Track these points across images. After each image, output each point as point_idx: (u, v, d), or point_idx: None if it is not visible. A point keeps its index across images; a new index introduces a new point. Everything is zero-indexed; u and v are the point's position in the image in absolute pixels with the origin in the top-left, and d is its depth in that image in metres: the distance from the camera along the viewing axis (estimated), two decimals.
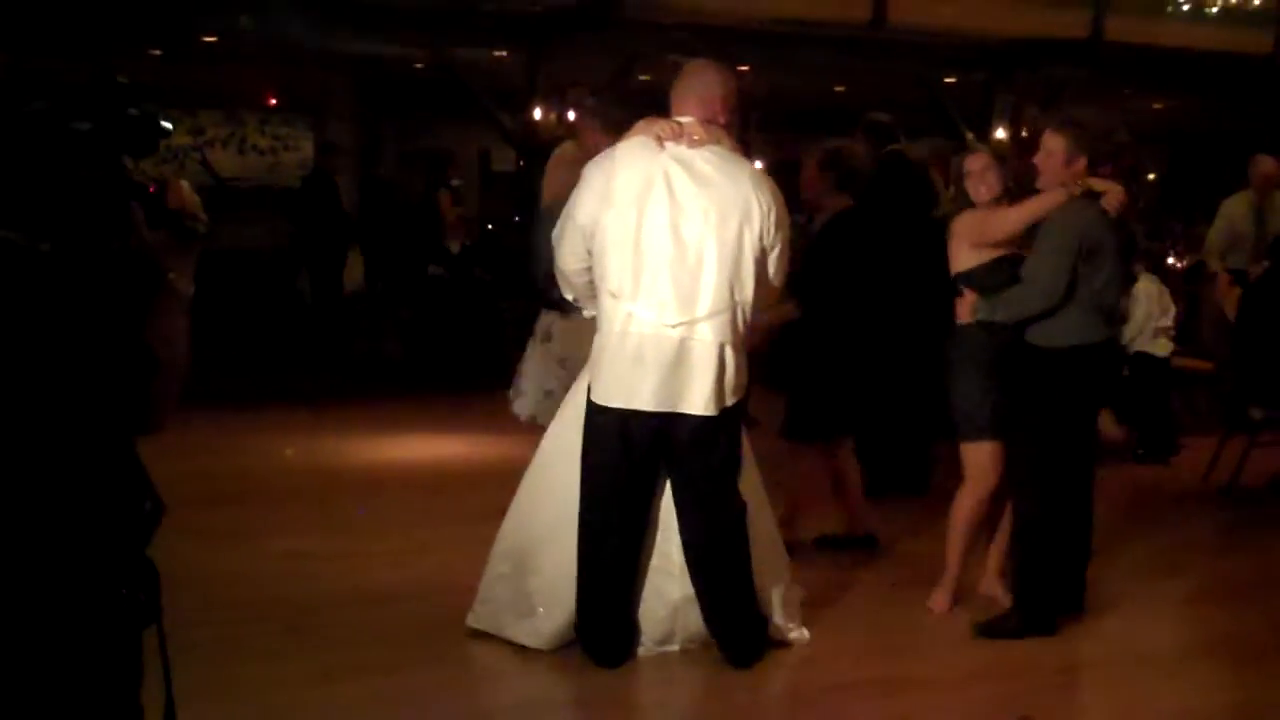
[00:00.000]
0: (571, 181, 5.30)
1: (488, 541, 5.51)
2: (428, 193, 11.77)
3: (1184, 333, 9.79)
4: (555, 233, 5.18)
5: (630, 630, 5.12)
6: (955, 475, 5.87)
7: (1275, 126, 13.67)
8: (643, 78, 13.23)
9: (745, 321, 5.03)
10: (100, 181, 2.91)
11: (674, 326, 4.87)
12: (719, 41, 11.72)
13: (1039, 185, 5.60)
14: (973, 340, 5.62)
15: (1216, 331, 8.65)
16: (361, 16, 11.22)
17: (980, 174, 5.65)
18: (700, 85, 5.16)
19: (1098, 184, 5.57)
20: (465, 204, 12.43)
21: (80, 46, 10.75)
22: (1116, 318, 5.89)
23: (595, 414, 5.03)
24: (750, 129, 15.18)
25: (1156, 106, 16.42)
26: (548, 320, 6.85)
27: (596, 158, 5.19)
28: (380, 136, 14.24)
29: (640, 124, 5.13)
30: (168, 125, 2.98)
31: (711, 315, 4.90)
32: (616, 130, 5.55)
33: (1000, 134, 13.46)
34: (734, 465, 5.09)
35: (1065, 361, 5.51)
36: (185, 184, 8.18)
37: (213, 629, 5.50)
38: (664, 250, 4.88)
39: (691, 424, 4.94)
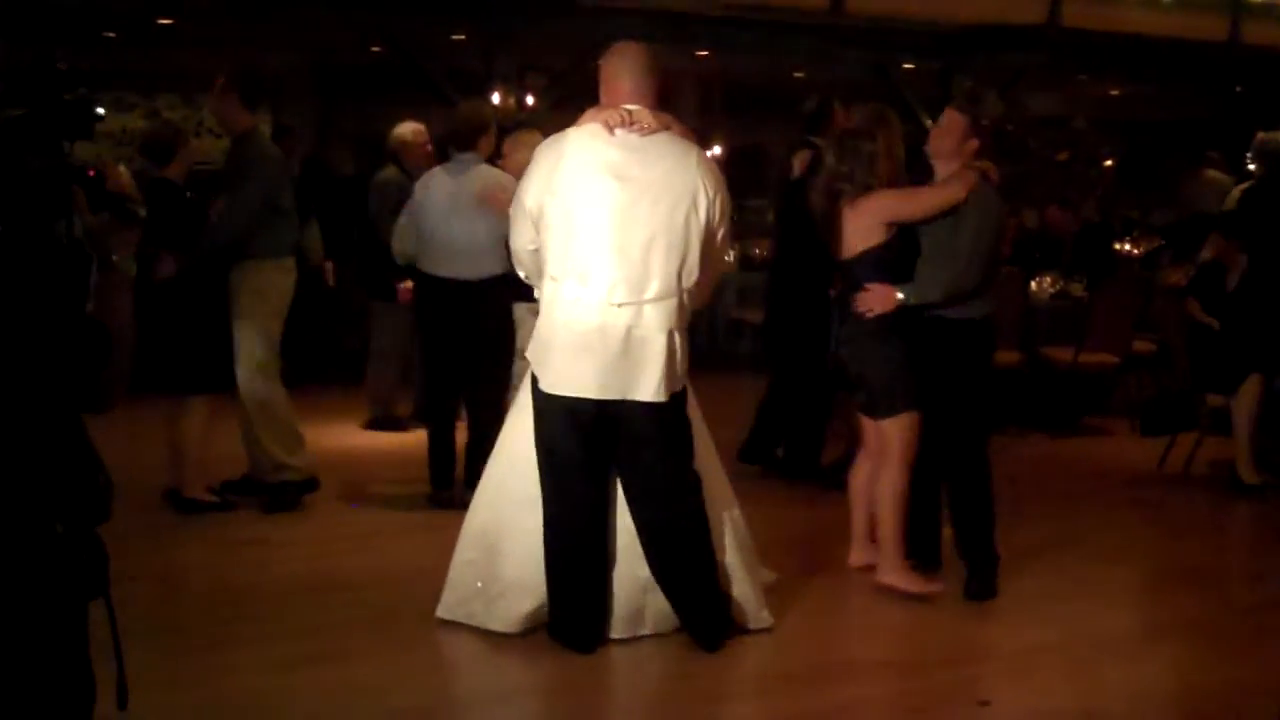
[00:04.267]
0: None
1: (449, 528, 5.49)
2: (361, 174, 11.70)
3: (1140, 320, 9.84)
4: (510, 212, 5.21)
5: (601, 614, 5.12)
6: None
7: (1231, 113, 13.77)
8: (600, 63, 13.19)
9: (689, 306, 5.05)
10: (43, 166, 2.94)
11: (619, 306, 4.87)
12: (677, 26, 11.72)
13: (935, 159, 5.82)
14: (879, 317, 5.68)
15: (1171, 320, 8.68)
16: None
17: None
18: (636, 69, 5.15)
19: (982, 164, 5.82)
20: None
21: (33, 31, 10.62)
22: None
23: (543, 401, 5.04)
24: (712, 112, 15.23)
25: (1113, 93, 16.50)
26: (519, 312, 6.92)
27: (546, 143, 5.19)
28: (336, 120, 14.14)
29: (589, 111, 5.15)
30: (100, 110, 3.04)
31: (659, 300, 4.91)
32: None
33: None
34: (685, 448, 5.11)
35: (980, 331, 5.82)
36: (123, 168, 8.18)
37: (168, 617, 5.49)
38: (610, 237, 4.88)
39: (641, 410, 4.95)
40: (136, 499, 6.95)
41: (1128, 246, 12.14)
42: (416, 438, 8.14)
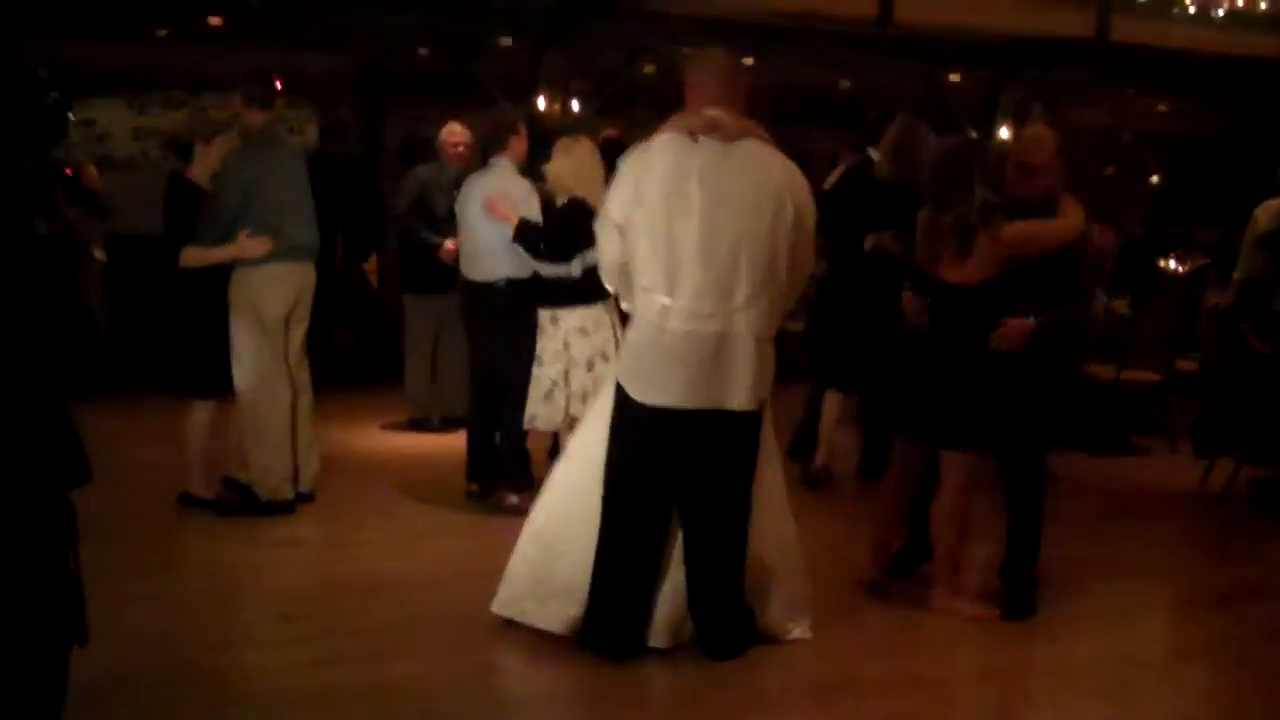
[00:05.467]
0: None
1: (484, 530, 5.53)
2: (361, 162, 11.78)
3: (1183, 339, 9.79)
4: (597, 226, 5.22)
5: (640, 623, 5.12)
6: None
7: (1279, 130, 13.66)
8: (647, 69, 13.21)
9: (778, 313, 5.08)
10: (31, 166, 3.32)
11: (710, 316, 4.89)
12: (724, 33, 11.69)
13: (1023, 174, 5.69)
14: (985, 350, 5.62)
15: (1216, 340, 8.64)
16: (367, 1, 11.21)
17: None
18: (718, 74, 5.17)
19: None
20: None
21: (87, 26, 10.72)
22: None
23: (629, 409, 5.06)
24: (758, 120, 15.20)
25: (1161, 109, 16.40)
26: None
27: (631, 153, 5.18)
28: (382, 122, 14.19)
29: (673, 118, 5.15)
30: (71, 115, 3.38)
31: (747, 307, 4.93)
32: None
33: (1004, 133, 13.43)
34: (751, 464, 5.13)
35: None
36: (92, 166, 8.36)
37: (208, 616, 5.53)
38: (699, 244, 4.90)
39: (731, 419, 4.99)
40: (171, 494, 7.05)
41: (1172, 264, 12.07)
42: (453, 439, 8.18)
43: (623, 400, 5.09)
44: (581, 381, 6.84)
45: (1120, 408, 9.70)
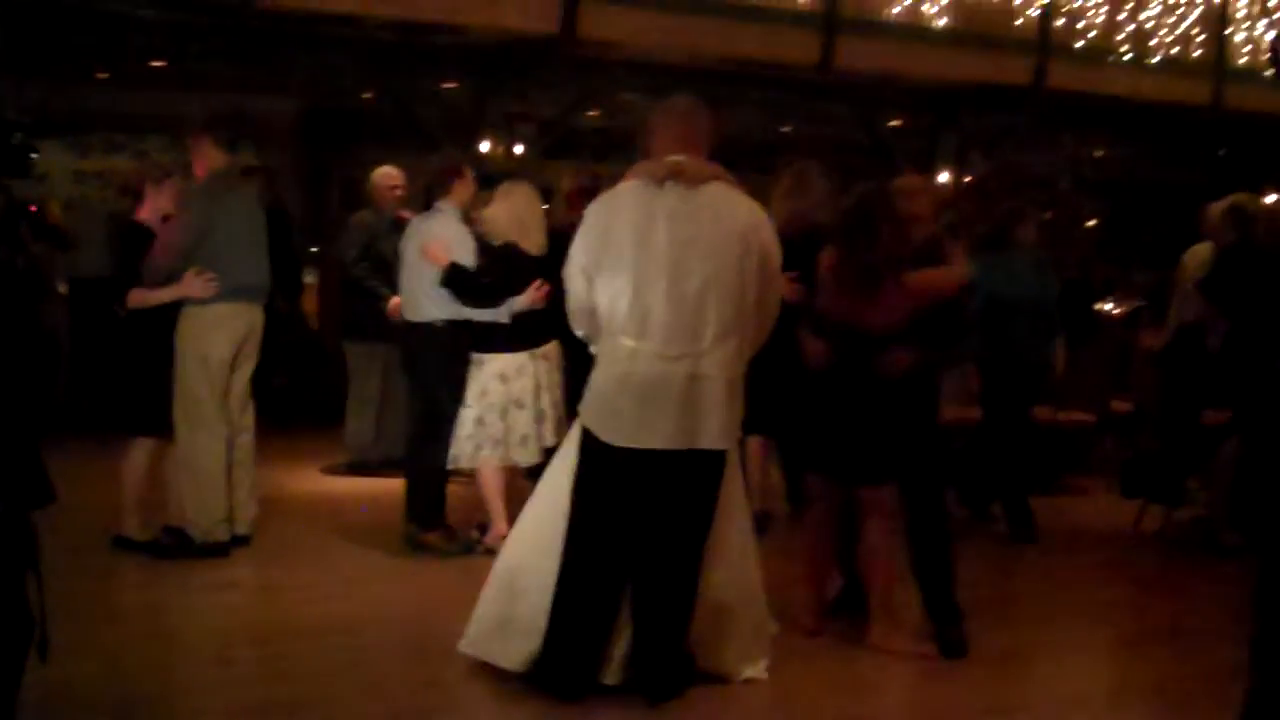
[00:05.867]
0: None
1: (420, 574, 5.51)
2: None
3: (1118, 380, 9.91)
4: (565, 273, 5.26)
5: (596, 662, 5.11)
6: None
7: (1214, 176, 13.88)
8: (590, 114, 13.28)
9: (746, 354, 5.15)
10: (2, 205, 3.52)
11: (678, 359, 4.94)
12: (669, 79, 11.78)
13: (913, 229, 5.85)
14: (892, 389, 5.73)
15: (1148, 381, 8.76)
16: (309, 44, 11.23)
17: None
18: (685, 122, 5.25)
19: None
20: None
21: (29, 67, 10.69)
22: None
23: (596, 451, 5.09)
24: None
25: (1097, 154, 16.64)
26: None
27: (598, 200, 5.28)
28: (325, 166, 14.17)
29: (638, 165, 5.23)
30: (35, 154, 3.62)
31: (715, 348, 4.98)
32: None
33: (944, 177, 13.58)
34: (711, 505, 5.15)
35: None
36: (56, 203, 8.47)
37: (143, 661, 5.48)
38: (667, 288, 4.96)
39: (700, 459, 5.03)
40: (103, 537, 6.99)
41: (1108, 306, 12.22)
42: (392, 483, 8.16)
43: (588, 442, 5.12)
44: (496, 427, 6.89)
45: (1056, 448, 9.80)
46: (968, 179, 13.42)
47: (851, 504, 5.86)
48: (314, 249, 13.04)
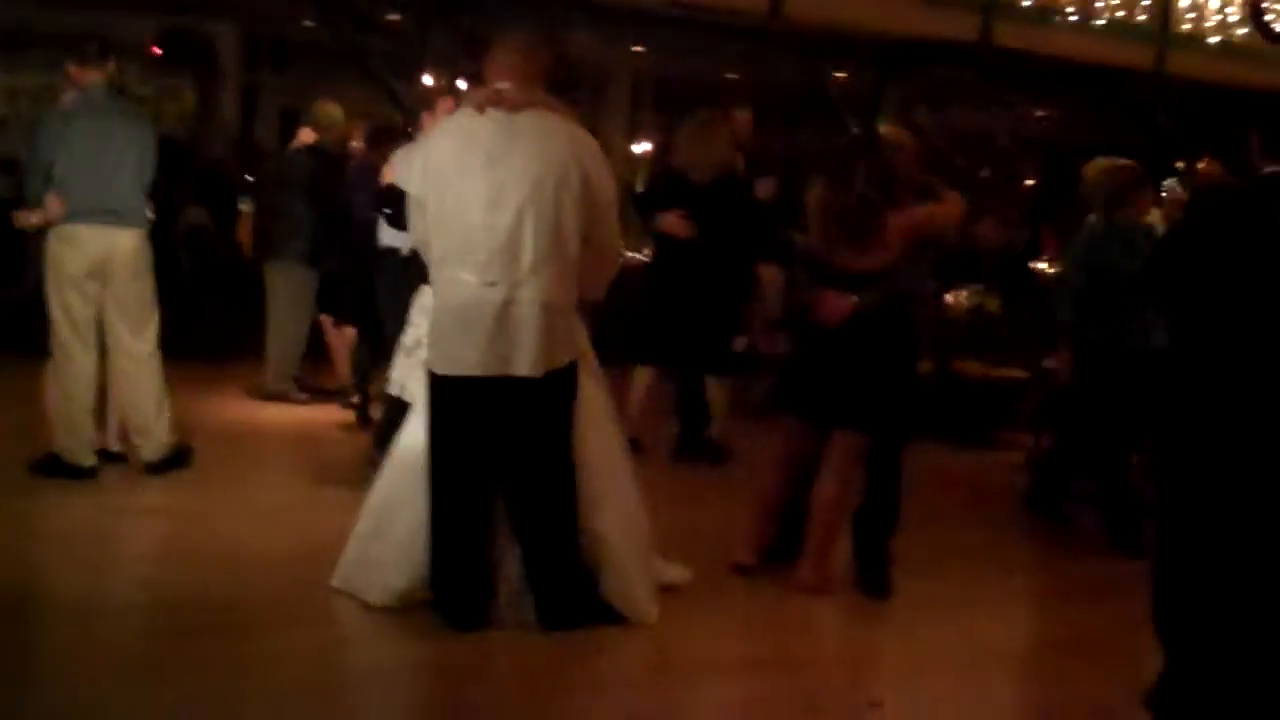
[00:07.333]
0: None
1: (350, 505, 5.49)
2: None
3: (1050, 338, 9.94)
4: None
5: (484, 593, 5.12)
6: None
7: (1154, 141, 13.96)
8: None
9: (574, 287, 5.09)
10: None
11: (494, 285, 4.92)
12: (613, 21, 11.72)
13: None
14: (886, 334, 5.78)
15: None
16: None
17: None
18: (514, 55, 5.21)
19: None
20: None
21: None
22: None
23: (431, 381, 5.13)
24: (643, 109, 15.25)
25: (1039, 114, 16.70)
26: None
27: (431, 130, 5.37)
28: (260, 93, 14.00)
29: (465, 95, 5.30)
30: None
31: (533, 275, 4.95)
32: None
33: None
34: (563, 429, 5.13)
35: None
36: None
37: (66, 584, 5.42)
38: (484, 214, 4.93)
39: (525, 387, 4.99)
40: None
41: (1043, 265, 12.29)
42: (323, 411, 8.15)
43: (429, 373, 5.16)
44: (415, 357, 6.81)
45: (988, 403, 9.87)
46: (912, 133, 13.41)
47: (814, 450, 5.85)
48: (249, 177, 12.89)
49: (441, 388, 5.10)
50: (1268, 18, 12.80)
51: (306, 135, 9.47)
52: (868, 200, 5.66)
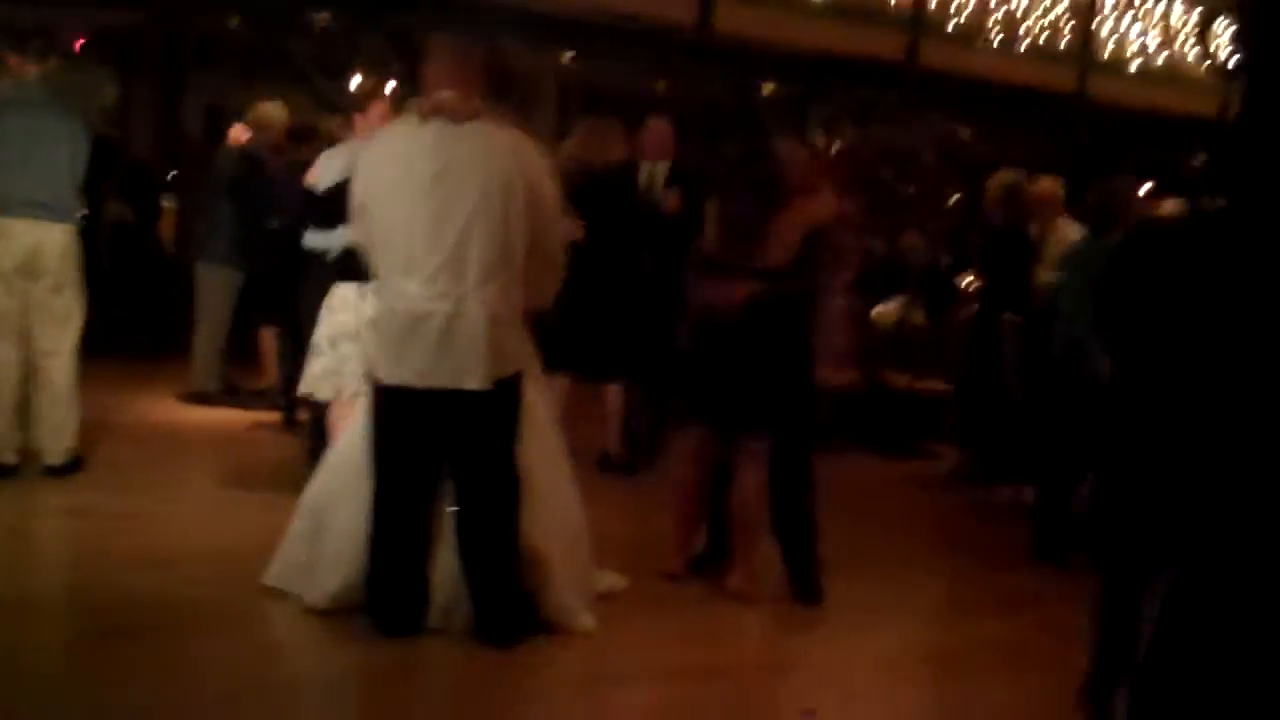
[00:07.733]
0: None
1: (277, 506, 5.44)
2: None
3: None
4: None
5: (418, 602, 5.08)
6: None
7: (1076, 163, 14.18)
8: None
9: (517, 294, 5.06)
10: None
11: (441, 296, 4.88)
12: (543, 28, 11.71)
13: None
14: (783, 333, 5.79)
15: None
16: None
17: None
18: (454, 59, 5.16)
19: None
20: None
21: None
22: None
23: (377, 388, 5.10)
24: (571, 116, 15.22)
25: (963, 134, 16.90)
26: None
27: (368, 139, 5.31)
28: (184, 92, 13.79)
29: (408, 104, 5.19)
30: None
31: (480, 287, 4.91)
32: None
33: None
34: (507, 441, 5.10)
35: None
36: None
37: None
38: (427, 225, 4.89)
39: (470, 400, 4.95)
40: None
41: (968, 279, 12.41)
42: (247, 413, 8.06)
43: (372, 380, 5.13)
44: (327, 357, 6.69)
45: (913, 414, 9.97)
46: (836, 149, 13.53)
47: (726, 456, 5.89)
48: (172, 174, 12.73)
49: (387, 397, 5.04)
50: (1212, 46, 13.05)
51: (239, 133, 9.35)
52: (753, 202, 5.79)
